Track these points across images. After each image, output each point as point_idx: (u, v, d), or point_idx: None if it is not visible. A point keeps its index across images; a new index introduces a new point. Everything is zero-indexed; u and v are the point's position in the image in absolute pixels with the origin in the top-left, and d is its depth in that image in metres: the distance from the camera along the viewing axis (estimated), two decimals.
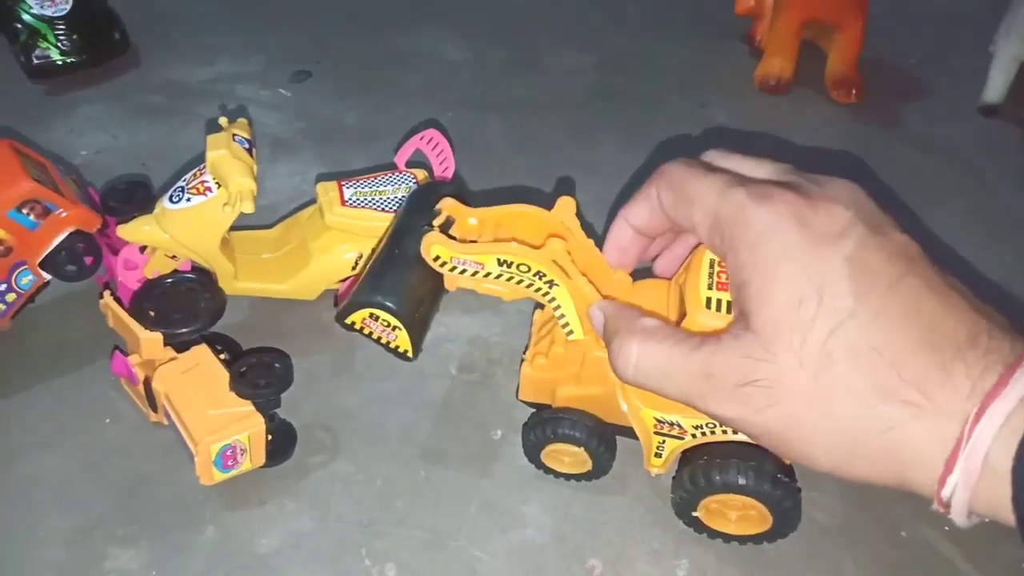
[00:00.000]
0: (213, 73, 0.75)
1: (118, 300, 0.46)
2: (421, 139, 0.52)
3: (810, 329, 0.26)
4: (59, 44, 0.72)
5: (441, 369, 0.50)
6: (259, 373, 0.42)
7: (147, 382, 0.44)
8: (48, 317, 0.52)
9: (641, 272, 0.39)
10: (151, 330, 0.43)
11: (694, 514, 0.40)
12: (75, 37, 0.72)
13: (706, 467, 0.38)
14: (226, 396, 0.42)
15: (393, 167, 0.53)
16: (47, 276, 0.48)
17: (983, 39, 0.72)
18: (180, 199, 0.46)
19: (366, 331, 0.41)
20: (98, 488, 0.44)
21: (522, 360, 0.43)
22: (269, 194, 0.62)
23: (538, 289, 0.37)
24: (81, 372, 0.49)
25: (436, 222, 0.39)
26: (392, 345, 0.42)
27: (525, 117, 0.69)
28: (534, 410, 0.44)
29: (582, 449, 0.42)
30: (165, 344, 0.44)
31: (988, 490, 0.24)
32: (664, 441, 0.39)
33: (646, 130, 0.68)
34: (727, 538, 0.41)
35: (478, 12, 0.83)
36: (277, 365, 0.43)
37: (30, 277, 0.47)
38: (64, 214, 0.46)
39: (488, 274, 0.37)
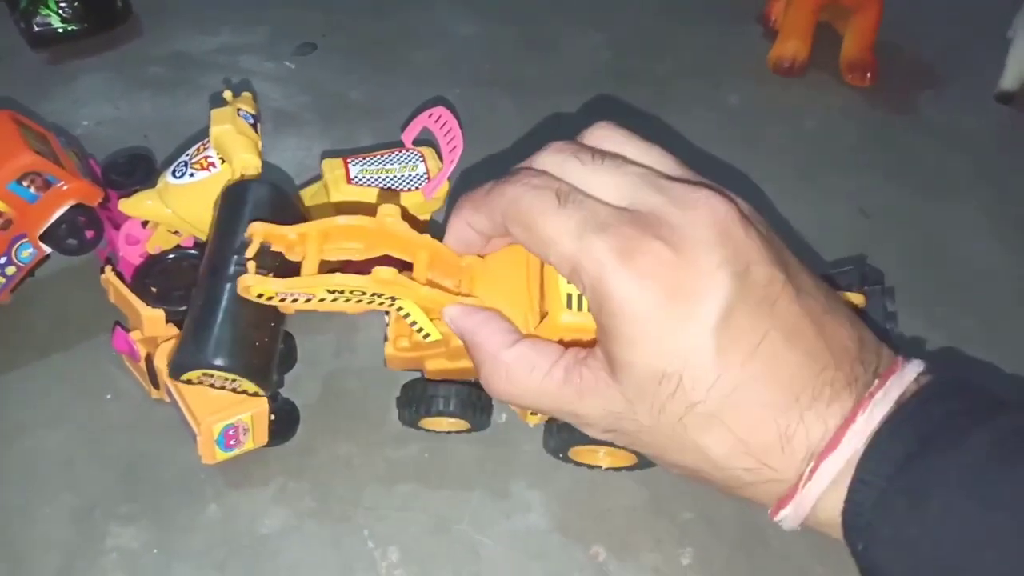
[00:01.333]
0: (216, 43, 0.74)
1: (119, 275, 0.45)
2: (429, 116, 0.51)
3: (669, 402, 0.27)
4: (60, 11, 0.70)
5: None
6: None
7: (149, 359, 0.43)
8: (48, 291, 0.51)
9: None
10: (153, 307, 0.43)
11: (567, 455, 0.42)
12: (76, 4, 0.71)
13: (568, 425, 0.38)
14: None
15: (400, 144, 0.52)
16: (47, 249, 0.47)
17: (1002, 26, 0.71)
18: (183, 174, 0.45)
19: (206, 383, 0.37)
20: (100, 465, 0.44)
21: (385, 336, 0.39)
22: (273, 169, 0.61)
23: (382, 303, 0.34)
24: (81, 347, 0.49)
25: (248, 253, 0.34)
26: (240, 390, 0.38)
27: (535, 97, 0.68)
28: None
29: (456, 420, 0.42)
30: (167, 321, 0.43)
31: (816, 525, 0.28)
32: None
33: (659, 112, 0.66)
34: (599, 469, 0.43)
35: None
36: (281, 345, 0.42)
37: (30, 250, 0.47)
38: (65, 187, 0.45)
39: (323, 299, 0.34)
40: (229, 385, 0.38)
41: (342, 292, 0.33)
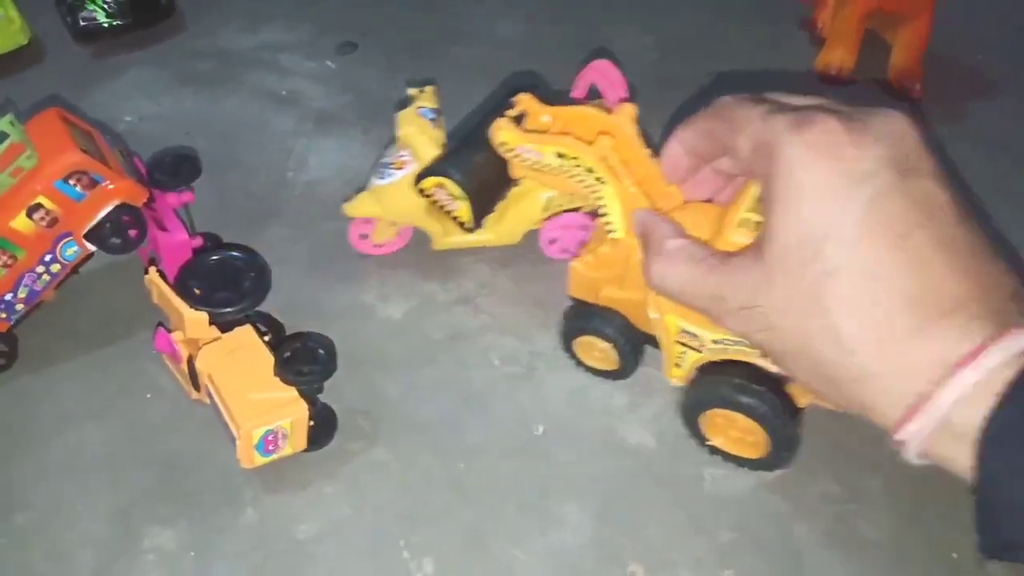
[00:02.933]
0: (259, 41, 0.74)
1: (163, 275, 0.45)
2: (591, 70, 0.52)
3: (807, 269, 0.28)
4: (106, 6, 0.71)
5: (483, 360, 0.49)
6: (304, 358, 0.42)
7: (190, 360, 0.43)
8: (91, 288, 0.52)
9: None
10: (196, 308, 0.43)
11: (699, 422, 0.43)
12: (122, 0, 0.71)
13: (714, 380, 0.40)
14: (270, 380, 0.42)
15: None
16: (92, 248, 0.48)
17: None
18: (385, 175, 0.50)
19: (433, 199, 0.46)
20: (139, 464, 0.44)
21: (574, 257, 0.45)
22: (314, 170, 0.61)
23: (588, 185, 0.40)
24: (123, 345, 0.49)
25: (510, 113, 0.42)
26: (454, 215, 0.46)
27: None
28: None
29: (611, 346, 0.44)
30: (210, 323, 0.43)
31: (942, 446, 0.27)
32: (685, 352, 0.41)
33: None
34: (722, 455, 0.43)
35: None
36: (321, 351, 0.42)
37: (75, 248, 0.47)
38: (111, 186, 0.46)
39: (547, 165, 0.41)
40: (448, 205, 0.46)
41: (564, 158, 0.40)
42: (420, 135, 0.49)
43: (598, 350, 0.46)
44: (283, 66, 0.71)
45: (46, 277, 0.47)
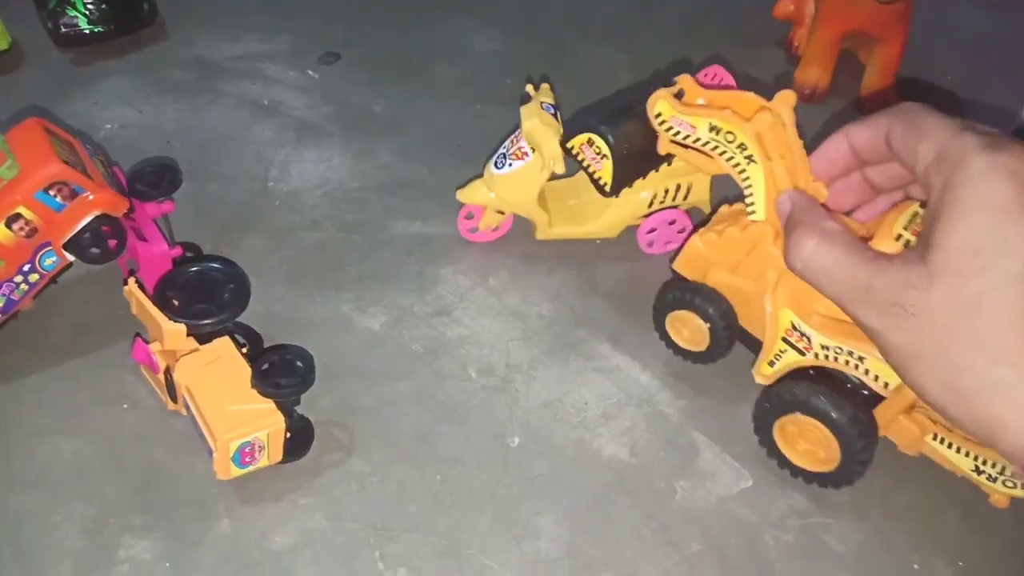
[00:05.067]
0: (240, 50, 0.74)
1: (142, 286, 0.45)
2: (705, 75, 0.54)
3: (974, 278, 0.28)
4: (87, 12, 0.71)
5: (460, 371, 0.49)
6: (281, 371, 0.42)
7: (168, 371, 0.43)
8: (69, 298, 0.52)
9: None
10: (174, 320, 0.43)
11: (772, 429, 0.42)
12: (104, 6, 0.71)
13: (797, 383, 0.40)
14: (247, 392, 0.42)
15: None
16: (71, 258, 0.48)
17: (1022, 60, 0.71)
18: (504, 165, 0.52)
19: (579, 156, 0.47)
20: (115, 475, 0.44)
21: (691, 233, 0.46)
22: (294, 179, 0.61)
23: (736, 164, 0.40)
24: (100, 355, 0.49)
25: (672, 90, 0.42)
26: (596, 176, 0.47)
27: None
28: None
29: (707, 325, 0.45)
30: (188, 334, 0.43)
31: None
32: (785, 351, 0.41)
33: None
34: (791, 468, 0.43)
35: (512, 6, 0.81)
36: (300, 364, 0.42)
37: (54, 258, 0.47)
38: (91, 197, 0.46)
39: (697, 139, 0.41)
40: (593, 164, 0.46)
41: (717, 133, 0.40)
42: (544, 127, 0.50)
43: (690, 328, 0.46)
44: (265, 75, 0.71)
45: (24, 287, 0.47)
